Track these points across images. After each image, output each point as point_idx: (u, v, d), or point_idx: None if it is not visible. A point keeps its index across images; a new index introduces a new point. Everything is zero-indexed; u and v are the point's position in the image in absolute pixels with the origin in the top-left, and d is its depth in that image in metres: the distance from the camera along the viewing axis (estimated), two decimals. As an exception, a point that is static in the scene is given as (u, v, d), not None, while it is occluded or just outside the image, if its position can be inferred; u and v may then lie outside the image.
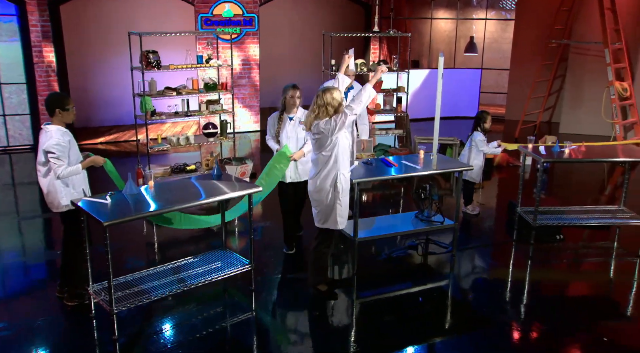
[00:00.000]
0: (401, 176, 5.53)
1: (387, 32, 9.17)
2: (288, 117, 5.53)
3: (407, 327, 4.58)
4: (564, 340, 4.49)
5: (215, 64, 8.06)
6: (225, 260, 5.03)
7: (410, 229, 5.62)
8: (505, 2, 14.72)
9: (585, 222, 6.24)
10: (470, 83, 13.15)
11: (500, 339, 4.45)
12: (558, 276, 5.70)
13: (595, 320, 4.78)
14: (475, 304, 5.04)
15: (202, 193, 4.61)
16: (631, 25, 10.59)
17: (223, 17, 10.91)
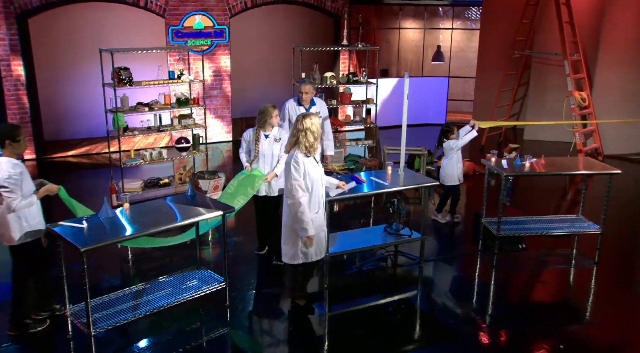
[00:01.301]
0: (370, 193, 5.71)
1: (356, 45, 9.37)
2: (264, 135, 5.71)
3: (377, 340, 4.78)
4: (528, 348, 4.73)
5: (187, 79, 8.16)
6: (199, 278, 5.16)
7: (379, 243, 5.82)
8: (471, 13, 15.12)
9: (546, 231, 6.53)
10: (438, 91, 13.48)
11: (465, 350, 4.67)
12: (521, 284, 5.98)
13: (557, 326, 5.03)
14: (441, 315, 5.26)
15: (177, 215, 4.74)
16: (589, 37, 11.02)
17: (194, 29, 11.00)
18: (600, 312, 5.40)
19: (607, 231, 6.65)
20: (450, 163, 7.14)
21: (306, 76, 9.19)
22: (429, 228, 7.11)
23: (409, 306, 5.45)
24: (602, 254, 6.47)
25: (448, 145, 7.09)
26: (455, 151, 7.08)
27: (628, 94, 10.60)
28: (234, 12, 11.28)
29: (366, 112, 9.62)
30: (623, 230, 7.43)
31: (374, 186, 5.65)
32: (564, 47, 10.46)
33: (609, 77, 10.72)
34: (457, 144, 7.01)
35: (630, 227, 7.62)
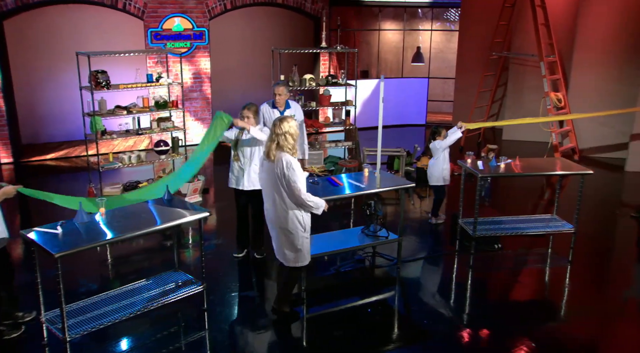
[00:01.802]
0: (345, 196, 5.76)
1: (335, 47, 9.43)
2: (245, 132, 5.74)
3: (355, 341, 4.83)
4: (504, 346, 4.82)
5: (165, 82, 8.16)
6: (177, 281, 5.17)
7: (356, 245, 5.88)
8: (450, 14, 15.26)
9: (521, 231, 6.63)
10: (418, 92, 13.58)
11: (441, 349, 4.74)
12: (497, 284, 6.07)
13: (533, 324, 5.12)
14: (417, 315, 5.32)
15: (154, 219, 4.74)
16: (565, 39, 11.20)
17: (173, 32, 10.97)
18: (575, 310, 5.50)
19: (580, 230, 6.78)
20: (436, 163, 7.25)
21: (285, 78, 9.22)
22: (407, 229, 7.18)
23: (387, 307, 5.51)
24: (575, 253, 6.59)
25: (434, 146, 7.20)
26: (441, 151, 7.15)
27: (603, 94, 10.77)
28: (213, 14, 11.27)
29: (345, 113, 9.68)
30: (596, 229, 7.57)
31: (350, 189, 5.70)
32: (539, 48, 10.61)
33: (584, 78, 10.89)
34: (442, 145, 7.10)
35: (603, 226, 7.77)
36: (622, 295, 5.91)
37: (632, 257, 6.89)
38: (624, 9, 10.34)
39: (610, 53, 10.59)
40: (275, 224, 4.79)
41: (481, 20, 12.47)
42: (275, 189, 4.66)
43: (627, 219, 8.12)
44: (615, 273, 6.45)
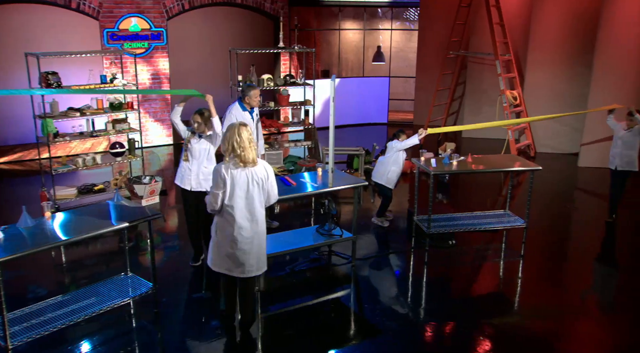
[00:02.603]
0: (298, 195, 5.78)
1: (292, 47, 9.44)
2: (198, 135, 5.72)
3: (308, 339, 4.86)
4: (459, 341, 4.90)
5: (119, 83, 8.05)
6: (128, 285, 5.12)
7: (311, 244, 5.91)
8: (409, 14, 15.43)
9: (475, 227, 6.76)
10: (379, 91, 13.69)
11: (391, 345, 4.80)
12: (451, 279, 6.16)
13: (487, 318, 5.22)
14: (370, 312, 5.37)
15: (101, 222, 4.68)
16: (520, 38, 11.44)
17: (130, 32, 10.83)
18: (528, 303, 5.64)
19: (533, 225, 6.95)
20: (384, 162, 7.18)
21: (243, 78, 9.20)
22: (364, 228, 7.25)
23: (341, 305, 5.55)
24: (527, 247, 6.74)
25: (390, 144, 7.14)
26: (394, 151, 7.07)
27: (556, 92, 11.03)
28: (171, 14, 11.17)
29: (304, 113, 9.71)
30: (548, 224, 7.76)
31: (304, 188, 5.73)
32: (495, 47, 10.82)
33: (538, 76, 11.13)
34: (397, 146, 7.00)
35: (554, 220, 7.96)
36: (573, 287, 6.08)
37: (581, 250, 7.08)
38: (574, 9, 10.61)
39: (562, 53, 10.85)
40: (255, 237, 4.59)
41: (440, 20, 12.65)
42: (254, 196, 4.50)
43: (577, 213, 8.35)
44: (565, 266, 6.62)
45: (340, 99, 12.72)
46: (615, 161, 7.43)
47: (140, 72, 11.05)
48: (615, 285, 6.26)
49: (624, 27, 9.64)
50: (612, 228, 7.49)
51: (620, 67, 9.76)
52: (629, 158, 7.35)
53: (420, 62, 13.36)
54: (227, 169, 4.42)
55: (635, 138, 7.31)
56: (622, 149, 7.35)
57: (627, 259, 6.90)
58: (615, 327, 5.27)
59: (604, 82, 9.89)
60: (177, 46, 12.18)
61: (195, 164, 5.78)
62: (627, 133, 7.32)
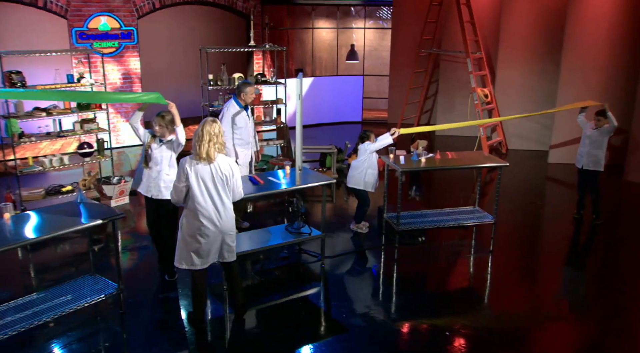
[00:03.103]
0: (265, 193, 5.77)
1: (263, 46, 9.41)
2: (158, 139, 5.56)
3: (276, 338, 4.84)
4: (428, 337, 4.93)
5: (87, 83, 7.95)
6: (93, 286, 5.05)
7: (280, 242, 5.89)
8: (382, 12, 15.49)
9: (443, 224, 6.80)
10: (353, 89, 13.73)
11: (357, 341, 4.81)
12: (420, 276, 6.19)
13: (457, 314, 5.26)
14: (339, 310, 5.37)
15: (62, 223, 4.62)
16: (491, 36, 11.56)
17: (100, 31, 10.70)
18: (498, 299, 5.69)
19: (502, 220, 7.02)
20: (358, 165, 6.91)
21: (214, 77, 9.15)
22: (336, 226, 7.26)
23: (309, 303, 5.55)
24: (497, 243, 6.81)
25: (362, 147, 6.88)
26: (368, 154, 6.82)
27: (527, 89, 11.17)
28: (141, 13, 11.06)
29: (276, 112, 9.69)
30: (517, 219, 7.85)
31: (270, 187, 5.71)
32: (465, 45, 10.91)
33: (509, 74, 11.26)
34: (370, 147, 6.77)
35: (523, 216, 8.05)
36: (541, 283, 6.16)
37: (549, 245, 7.18)
38: (543, 7, 10.75)
39: (532, 50, 10.98)
40: (221, 231, 4.66)
41: (413, 18, 12.72)
42: (220, 191, 4.58)
43: (546, 209, 8.47)
44: (534, 261, 6.70)
45: (314, 98, 12.76)
46: (582, 160, 7.33)
47: (110, 72, 10.94)
48: (580, 279, 6.35)
49: (590, 24, 9.80)
50: (580, 224, 7.59)
51: (586, 64, 9.92)
52: (596, 157, 7.22)
53: (393, 61, 13.43)
54: (190, 163, 4.53)
55: (603, 138, 7.18)
56: (590, 148, 7.23)
57: (593, 254, 7.01)
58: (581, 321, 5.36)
59: (571, 79, 10.04)
60: (148, 45, 12.06)
61: (156, 171, 5.52)
62: (595, 132, 7.19)
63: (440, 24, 12.30)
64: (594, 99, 9.01)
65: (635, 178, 9.25)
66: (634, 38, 9.67)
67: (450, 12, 11.86)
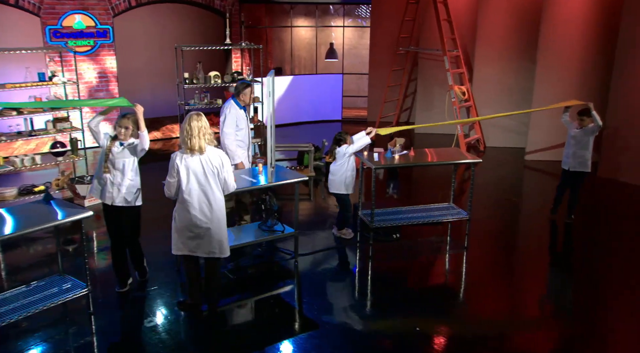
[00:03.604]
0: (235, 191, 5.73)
1: (240, 44, 9.38)
2: (119, 143, 5.22)
3: (248, 335, 4.82)
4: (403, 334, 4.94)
5: (59, 81, 7.85)
6: (61, 286, 4.99)
7: (252, 240, 5.87)
8: (361, 11, 15.52)
9: (417, 220, 6.81)
10: (333, 88, 13.73)
11: (329, 339, 4.80)
12: (394, 273, 6.19)
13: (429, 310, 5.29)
14: (310, 307, 5.37)
15: (25, 221, 4.55)
16: (468, 34, 11.62)
17: (74, 29, 10.58)
18: (471, 295, 5.72)
19: (479, 217, 7.05)
20: (338, 169, 6.64)
21: (190, 76, 9.09)
22: (312, 224, 7.25)
23: (282, 300, 5.53)
24: (471, 239, 6.84)
25: (340, 151, 6.62)
26: (347, 156, 6.59)
27: (504, 87, 11.25)
28: (117, 11, 10.96)
29: (254, 110, 9.64)
30: (493, 216, 7.89)
31: (243, 184, 5.68)
32: (442, 43, 10.96)
33: (486, 71, 11.33)
34: (348, 150, 6.54)
35: (499, 213, 8.10)
36: (516, 278, 6.20)
37: (524, 242, 7.25)
38: (519, 4, 10.83)
39: (509, 48, 11.06)
40: (212, 222, 4.78)
41: (391, 17, 12.75)
42: (211, 183, 4.72)
43: (522, 206, 8.52)
44: (508, 257, 6.75)
45: (293, 96, 12.75)
46: (569, 162, 7.15)
47: (86, 71, 10.84)
48: (555, 274, 6.41)
49: (565, 21, 9.89)
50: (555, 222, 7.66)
51: (561, 62, 10.01)
52: (582, 158, 7.05)
53: (372, 59, 13.45)
54: (181, 157, 4.67)
55: (588, 137, 7.00)
56: (575, 149, 7.06)
57: (568, 250, 7.08)
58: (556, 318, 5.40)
59: (547, 76, 10.13)
60: (124, 44, 11.95)
61: (119, 177, 5.16)
62: (580, 131, 7.01)
63: (418, 22, 12.35)
64: (570, 96, 9.09)
65: (608, 175, 9.37)
66: (607, 36, 9.77)
67: (428, 10, 11.91)
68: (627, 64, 9.06)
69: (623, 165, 9.15)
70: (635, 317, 5.34)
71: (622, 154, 9.13)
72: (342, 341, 4.77)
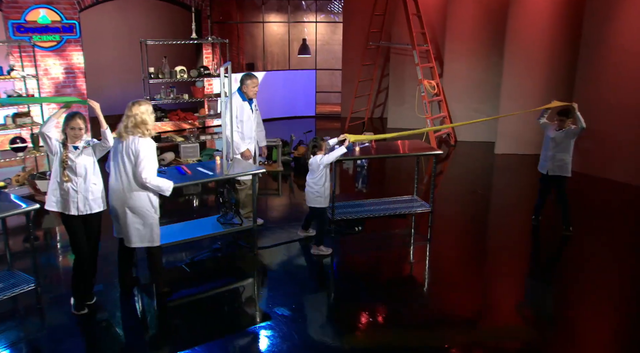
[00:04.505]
0: (190, 183, 5.69)
1: (206, 38, 9.30)
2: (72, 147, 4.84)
3: (202, 328, 4.76)
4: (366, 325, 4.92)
5: (18, 75, 7.73)
6: (8, 281, 4.91)
7: (209, 232, 5.82)
8: (333, 6, 15.49)
9: (380, 213, 6.81)
10: (306, 84, 13.69)
11: (280, 331, 4.77)
12: (355, 265, 6.17)
13: (389, 300, 5.28)
14: (267, 300, 5.33)
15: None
16: (439, 29, 11.65)
17: (39, 24, 10.41)
18: (433, 286, 5.72)
19: (443, 209, 7.05)
20: (316, 182, 6.00)
21: (155, 70, 9.00)
22: (275, 218, 7.20)
23: (236, 293, 5.48)
24: (434, 231, 6.85)
25: (314, 162, 6.00)
26: (322, 167, 5.96)
27: (474, 82, 11.28)
28: (83, 5, 10.79)
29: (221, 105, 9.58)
30: (457, 208, 7.92)
31: (198, 177, 5.63)
32: (412, 37, 10.97)
33: (456, 66, 11.36)
34: (324, 161, 5.93)
35: (464, 205, 8.12)
36: (478, 266, 6.21)
37: (487, 232, 7.26)
38: (487, 0, 10.86)
39: (478, 43, 11.10)
40: (123, 202, 4.84)
41: (363, 12, 12.71)
42: (128, 171, 4.79)
43: (487, 198, 8.55)
44: (470, 248, 6.76)
45: (266, 92, 12.66)
46: (547, 165, 6.64)
47: (52, 67, 10.66)
48: (516, 265, 6.44)
49: (531, 16, 9.94)
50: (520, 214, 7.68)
51: (528, 56, 10.06)
52: (562, 161, 6.54)
53: (345, 55, 13.43)
54: (117, 141, 4.85)
55: (569, 140, 6.51)
56: (555, 152, 6.55)
57: (529, 240, 7.11)
58: (515, 307, 5.42)
59: (514, 71, 10.18)
60: (92, 40, 11.80)
61: (81, 183, 4.75)
62: (560, 133, 6.49)
63: (390, 17, 12.34)
64: (537, 89, 9.17)
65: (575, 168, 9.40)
66: (573, 29, 9.82)
67: (399, 5, 11.90)
68: (592, 57, 9.12)
69: (587, 158, 9.21)
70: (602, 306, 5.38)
71: (586, 147, 9.18)
72: (292, 331, 4.73)
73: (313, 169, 6.03)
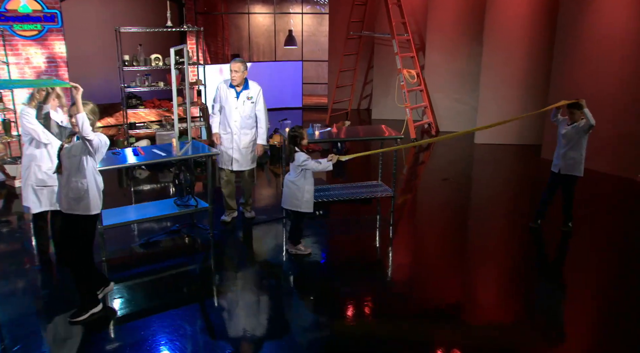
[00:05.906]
0: (141, 163, 5.73)
1: (180, 27, 9.34)
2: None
3: (155, 308, 4.78)
4: (311, 307, 4.99)
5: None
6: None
7: (162, 214, 5.86)
8: (319, -3, 15.53)
9: (342, 197, 6.80)
10: (293, 75, 13.70)
11: (230, 310, 4.80)
12: (313, 246, 6.18)
13: (345, 282, 5.31)
14: (222, 280, 5.36)
15: None
16: (419, 18, 11.63)
17: (20, 13, 10.49)
18: (398, 267, 5.77)
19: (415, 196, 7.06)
20: (295, 183, 5.69)
21: (130, 58, 9.05)
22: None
23: (194, 275, 5.51)
24: (396, 215, 6.85)
25: (298, 159, 5.57)
26: (301, 169, 5.63)
27: (455, 72, 11.26)
28: (65, -5, 10.87)
29: (197, 93, 9.63)
30: (426, 194, 7.94)
31: (150, 157, 5.67)
32: (391, 27, 10.96)
33: (437, 56, 11.34)
34: (307, 165, 5.59)
35: (433, 191, 8.12)
36: (440, 250, 6.22)
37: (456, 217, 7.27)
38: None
39: (459, 33, 11.07)
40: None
41: (350, 3, 12.70)
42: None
43: (451, 185, 8.53)
44: (432, 230, 6.77)
45: (250, 82, 12.68)
46: (559, 164, 6.33)
47: (34, 56, 10.74)
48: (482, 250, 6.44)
49: (509, 6, 9.91)
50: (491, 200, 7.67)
51: (506, 47, 10.03)
52: (573, 160, 6.23)
53: (331, 46, 13.43)
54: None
55: (580, 137, 6.17)
56: (567, 149, 6.24)
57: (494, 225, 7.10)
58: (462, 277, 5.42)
59: (493, 60, 10.15)
60: (75, 29, 11.86)
61: (65, 178, 4.38)
62: (571, 129, 6.20)
63: (375, 8, 12.32)
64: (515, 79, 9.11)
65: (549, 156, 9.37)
66: (551, 19, 9.77)
67: (380, -5, 11.92)
68: (565, 47, 9.07)
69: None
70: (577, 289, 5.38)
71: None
72: (238, 309, 4.76)
73: (294, 169, 5.65)
